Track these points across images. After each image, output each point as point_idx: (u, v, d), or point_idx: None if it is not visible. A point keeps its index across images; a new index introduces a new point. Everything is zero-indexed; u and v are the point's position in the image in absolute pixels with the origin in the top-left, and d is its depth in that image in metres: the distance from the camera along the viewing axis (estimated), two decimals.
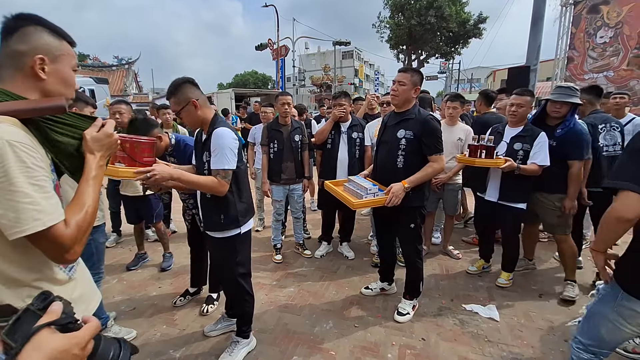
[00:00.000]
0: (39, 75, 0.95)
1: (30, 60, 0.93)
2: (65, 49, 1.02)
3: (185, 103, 1.91)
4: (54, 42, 0.98)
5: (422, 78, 2.58)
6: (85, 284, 1.18)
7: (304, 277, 3.45)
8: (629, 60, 8.16)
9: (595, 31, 8.77)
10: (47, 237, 0.86)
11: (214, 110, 2.07)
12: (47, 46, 0.96)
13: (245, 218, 2.14)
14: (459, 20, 22.83)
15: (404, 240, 2.80)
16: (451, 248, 3.90)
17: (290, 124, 3.71)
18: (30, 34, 0.94)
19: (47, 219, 0.85)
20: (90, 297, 1.19)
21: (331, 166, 3.65)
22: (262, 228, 4.81)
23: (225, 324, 2.57)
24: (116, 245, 4.27)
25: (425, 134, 2.48)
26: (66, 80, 1.02)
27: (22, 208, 0.82)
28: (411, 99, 2.55)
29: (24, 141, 0.85)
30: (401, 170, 2.55)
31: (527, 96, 2.92)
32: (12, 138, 0.83)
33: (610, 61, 8.51)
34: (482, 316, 2.75)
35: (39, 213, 0.84)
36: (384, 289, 3.10)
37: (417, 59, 25.74)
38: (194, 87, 1.96)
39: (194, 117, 1.96)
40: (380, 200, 2.49)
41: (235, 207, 2.06)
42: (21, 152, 0.83)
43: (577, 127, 2.82)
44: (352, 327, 2.63)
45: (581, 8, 9.08)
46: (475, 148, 3.00)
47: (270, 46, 22.12)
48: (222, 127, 1.95)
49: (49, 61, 0.96)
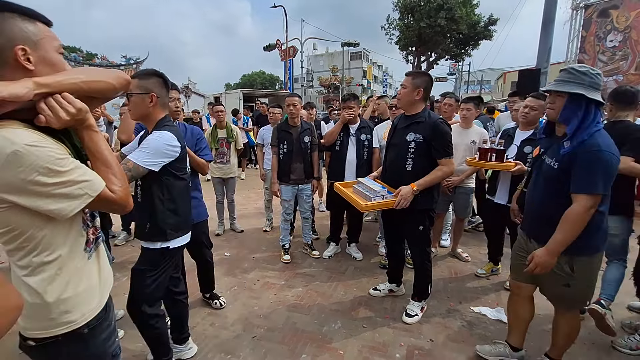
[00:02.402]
0: (27, 67, 0.88)
1: (12, 53, 0.86)
2: (44, 31, 0.93)
3: (143, 91, 1.78)
4: (29, 27, 0.89)
5: (426, 80, 2.54)
6: None
7: (312, 278, 3.47)
8: (636, 64, 8.11)
9: (605, 35, 8.71)
10: (99, 202, 0.97)
11: (166, 114, 1.91)
12: (23, 33, 0.88)
13: (176, 233, 1.93)
14: (469, 22, 22.67)
15: (412, 242, 2.80)
16: (460, 251, 3.90)
17: (299, 125, 3.74)
18: (2, 24, 0.86)
19: (92, 190, 0.94)
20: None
21: (339, 167, 3.68)
22: (270, 228, 4.85)
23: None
24: (126, 244, 4.34)
25: (434, 138, 2.48)
26: (55, 65, 0.95)
27: (66, 192, 0.89)
28: (415, 101, 2.54)
29: (37, 139, 0.87)
30: (410, 173, 2.56)
31: (543, 100, 2.86)
32: (26, 141, 0.83)
33: (620, 65, 8.45)
34: (490, 318, 2.75)
35: (82, 189, 0.92)
36: (392, 291, 3.11)
37: (426, 60, 25.64)
38: (162, 84, 1.86)
39: (142, 108, 1.81)
40: (388, 203, 2.50)
41: (164, 218, 1.87)
42: (43, 149, 0.85)
43: (594, 141, 1.69)
44: (360, 327, 2.65)
45: (592, 12, 9.02)
46: (485, 151, 3.00)
47: (279, 47, 22.22)
48: (167, 131, 1.79)
49: (31, 49, 0.89)
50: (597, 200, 1.70)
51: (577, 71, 1.73)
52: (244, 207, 5.98)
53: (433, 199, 2.65)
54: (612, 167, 1.68)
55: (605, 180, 1.68)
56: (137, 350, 2.41)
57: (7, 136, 0.82)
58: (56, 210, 0.90)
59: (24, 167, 0.82)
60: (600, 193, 1.69)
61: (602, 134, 1.72)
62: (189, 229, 2.06)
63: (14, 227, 0.91)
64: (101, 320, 1.10)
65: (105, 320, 1.13)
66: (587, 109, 1.71)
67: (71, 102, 0.93)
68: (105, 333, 1.12)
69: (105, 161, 1.02)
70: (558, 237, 1.78)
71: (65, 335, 1.01)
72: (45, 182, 0.85)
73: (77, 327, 1.02)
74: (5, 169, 0.81)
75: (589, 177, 1.69)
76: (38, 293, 0.96)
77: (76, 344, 1.05)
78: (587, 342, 2.47)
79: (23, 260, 0.95)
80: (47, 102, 0.90)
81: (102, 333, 1.11)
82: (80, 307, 1.03)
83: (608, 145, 1.69)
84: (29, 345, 1.00)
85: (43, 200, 0.87)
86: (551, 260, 1.81)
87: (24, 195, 0.85)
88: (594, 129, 1.70)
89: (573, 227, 1.73)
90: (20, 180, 0.83)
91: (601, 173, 1.67)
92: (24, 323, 1.00)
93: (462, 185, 3.59)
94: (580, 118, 1.71)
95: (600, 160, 1.67)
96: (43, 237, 0.94)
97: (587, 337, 2.50)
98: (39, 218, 0.92)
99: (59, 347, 1.02)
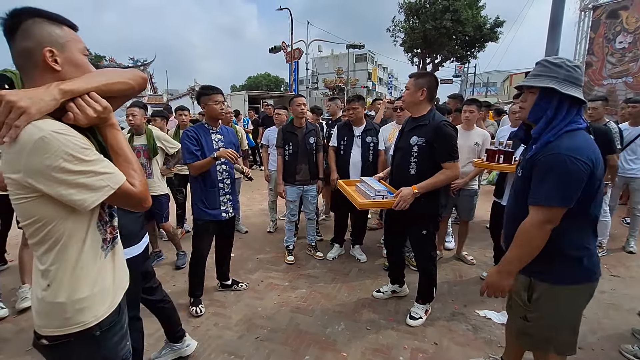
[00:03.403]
0: (54, 67, 0.95)
1: (41, 55, 0.93)
2: (69, 34, 1.00)
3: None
4: (57, 31, 0.97)
5: (429, 80, 2.50)
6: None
7: (315, 279, 3.46)
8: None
9: (615, 36, 8.60)
10: (120, 196, 0.99)
11: None
12: (51, 36, 0.95)
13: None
14: (475, 24, 22.54)
15: (416, 246, 2.77)
16: (465, 253, 3.87)
17: (304, 126, 3.75)
18: (32, 28, 0.93)
19: (113, 182, 0.96)
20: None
21: (344, 169, 3.68)
22: (274, 229, 4.85)
23: (169, 350, 2.32)
24: None
25: (437, 140, 2.43)
26: (80, 66, 1.01)
27: (89, 183, 0.92)
28: (419, 102, 2.49)
29: (65, 127, 0.91)
30: (414, 177, 2.52)
31: None
32: (53, 128, 0.87)
33: (629, 67, 8.33)
34: (495, 322, 2.72)
35: (104, 181, 0.95)
36: (395, 292, 3.09)
37: (431, 62, 25.54)
38: None
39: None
40: (387, 203, 2.48)
41: None
42: (68, 137, 0.89)
43: (558, 143, 1.42)
44: (363, 330, 2.63)
45: (600, 13, 8.92)
46: (493, 153, 2.98)
47: (284, 49, 22.31)
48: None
49: (58, 51, 0.96)
50: (553, 214, 1.41)
51: (551, 63, 1.47)
52: (248, 208, 5.99)
53: (439, 204, 2.58)
54: (571, 175, 1.35)
55: (565, 191, 1.37)
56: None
57: (36, 124, 0.86)
58: (79, 200, 0.92)
59: (50, 153, 0.86)
60: (555, 205, 1.39)
61: (574, 135, 1.41)
62: (138, 240, 1.94)
63: (39, 217, 0.94)
64: (114, 323, 1.10)
65: (118, 323, 1.13)
66: (559, 106, 1.45)
67: (98, 100, 0.99)
68: (118, 336, 1.12)
69: (126, 157, 1.06)
70: (508, 254, 1.54)
71: (77, 336, 1.02)
72: (70, 169, 0.88)
73: (89, 327, 1.03)
74: (33, 154, 0.85)
75: (542, 185, 1.42)
76: (54, 290, 0.98)
77: (88, 346, 1.05)
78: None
79: (44, 256, 0.98)
80: (75, 102, 0.95)
81: (114, 336, 1.11)
82: (93, 307, 1.04)
83: (573, 148, 1.37)
84: (43, 344, 1.01)
85: (66, 189, 0.90)
86: (501, 280, 1.56)
87: (49, 182, 0.88)
88: (565, 129, 1.42)
89: (522, 244, 1.49)
90: (46, 167, 0.86)
91: (557, 181, 1.37)
92: (39, 320, 1.01)
93: (466, 187, 3.57)
94: (550, 117, 1.46)
95: (557, 166, 1.37)
96: (64, 231, 0.97)
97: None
98: (63, 211, 0.95)
99: (71, 347, 1.02)
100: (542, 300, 1.54)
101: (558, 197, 1.38)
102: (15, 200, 0.93)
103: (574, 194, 1.38)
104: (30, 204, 0.92)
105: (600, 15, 8.95)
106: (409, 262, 3.64)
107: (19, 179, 0.89)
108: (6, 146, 0.88)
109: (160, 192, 3.58)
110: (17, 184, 0.90)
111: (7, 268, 3.58)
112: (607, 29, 8.77)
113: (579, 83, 1.46)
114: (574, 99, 1.43)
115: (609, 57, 8.75)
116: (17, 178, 0.89)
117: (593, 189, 1.41)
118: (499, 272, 1.57)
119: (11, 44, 0.95)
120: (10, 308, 2.84)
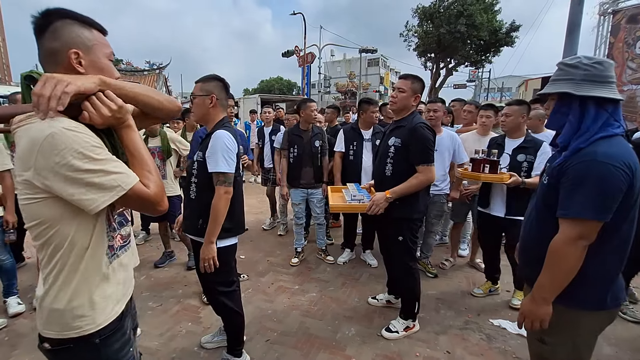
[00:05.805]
0: (78, 69, 0.95)
1: (66, 56, 0.94)
2: (97, 38, 1.01)
3: (205, 93, 1.97)
4: (85, 33, 0.98)
5: (423, 86, 2.49)
6: None
7: (326, 283, 3.44)
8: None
9: (635, 41, 8.40)
10: (133, 197, 0.96)
11: (225, 116, 2.07)
12: (78, 38, 0.96)
13: (227, 233, 2.03)
14: (490, 28, 22.27)
15: (393, 254, 2.63)
16: (479, 261, 3.79)
17: (310, 129, 3.75)
18: (61, 29, 0.94)
19: (125, 183, 0.94)
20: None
21: (356, 176, 3.60)
22: (285, 232, 4.86)
23: (222, 338, 2.44)
24: (144, 243, 4.42)
25: (412, 142, 2.36)
26: (103, 70, 1.01)
27: (99, 182, 0.90)
28: (410, 106, 2.46)
29: (76, 125, 0.90)
30: (389, 178, 2.47)
31: (517, 105, 2.89)
32: (64, 125, 0.87)
33: None
34: (510, 332, 2.65)
35: (115, 181, 0.92)
36: (391, 302, 3.00)
37: (445, 67, 25.35)
38: (221, 87, 2.03)
39: (203, 110, 2.00)
40: (360, 207, 2.46)
41: None
42: (79, 134, 0.88)
43: (592, 149, 1.25)
44: (374, 335, 2.60)
45: (620, 17, 8.73)
46: (478, 162, 2.87)
47: (297, 53, 22.41)
48: (223, 130, 1.95)
49: (84, 54, 0.96)
50: (587, 228, 1.23)
51: (567, 65, 1.33)
52: (259, 210, 6.01)
53: (413, 208, 2.45)
54: (608, 183, 1.18)
55: (600, 202, 1.20)
56: (152, 348, 2.43)
57: (49, 122, 0.86)
58: (88, 200, 0.90)
59: (59, 150, 0.85)
60: (590, 219, 1.21)
61: (610, 141, 1.24)
62: (239, 231, 2.16)
63: (44, 219, 0.93)
64: (115, 330, 1.08)
65: (120, 330, 1.11)
66: (583, 110, 1.29)
67: (113, 99, 0.96)
68: (119, 343, 1.10)
69: (142, 159, 1.04)
70: (542, 279, 1.35)
71: (77, 342, 1.00)
72: (79, 167, 0.87)
73: (88, 334, 1.01)
74: (43, 151, 0.85)
75: (574, 195, 1.24)
76: (51, 297, 0.98)
77: (88, 353, 1.04)
78: None
79: (45, 262, 0.98)
80: (90, 100, 0.94)
81: (115, 343, 1.08)
82: (93, 315, 1.02)
83: (610, 154, 1.20)
84: (45, 347, 1.02)
85: (76, 188, 0.88)
86: (537, 310, 1.36)
87: (58, 180, 0.87)
88: (599, 134, 1.25)
89: (554, 265, 1.30)
90: (55, 164, 0.85)
91: (592, 191, 1.20)
92: (40, 322, 1.01)
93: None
94: (575, 122, 1.30)
95: (591, 174, 1.20)
96: (66, 237, 0.95)
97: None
98: (69, 213, 0.94)
99: (71, 353, 1.02)
100: (562, 324, 1.39)
101: (592, 208, 1.20)
102: (23, 201, 0.93)
103: (611, 205, 1.21)
104: (37, 205, 0.92)
105: (620, 20, 8.76)
106: (425, 267, 3.59)
107: (29, 177, 0.88)
108: (19, 142, 0.89)
109: (173, 194, 3.62)
110: (27, 184, 0.89)
111: (25, 265, 3.66)
112: (627, 33, 8.58)
113: (604, 80, 1.27)
114: (600, 99, 1.26)
115: (629, 62, 8.55)
116: (28, 176, 0.88)
117: (629, 203, 1.23)
118: (533, 300, 1.39)
119: (39, 43, 0.95)
120: (27, 304, 2.90)
